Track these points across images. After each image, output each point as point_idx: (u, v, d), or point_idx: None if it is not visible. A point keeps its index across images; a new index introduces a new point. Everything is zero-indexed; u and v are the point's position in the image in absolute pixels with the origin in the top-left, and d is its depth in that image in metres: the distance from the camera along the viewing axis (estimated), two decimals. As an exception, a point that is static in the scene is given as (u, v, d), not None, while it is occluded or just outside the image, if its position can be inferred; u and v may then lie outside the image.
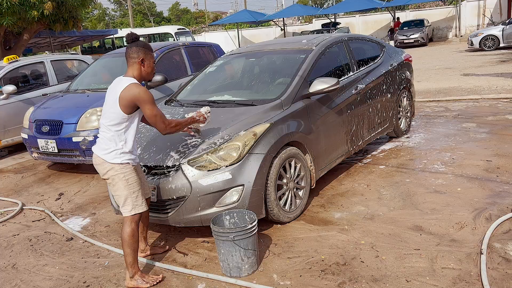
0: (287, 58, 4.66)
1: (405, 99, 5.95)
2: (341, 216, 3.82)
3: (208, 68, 5.19)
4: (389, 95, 5.43)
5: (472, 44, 17.57)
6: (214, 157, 3.40)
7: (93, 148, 3.05)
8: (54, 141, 5.59)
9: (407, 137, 6.00)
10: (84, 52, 25.53)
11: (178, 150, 3.49)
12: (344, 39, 5.09)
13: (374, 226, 3.56)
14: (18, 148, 7.50)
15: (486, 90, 8.73)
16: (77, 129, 5.50)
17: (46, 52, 19.92)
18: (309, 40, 4.81)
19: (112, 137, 2.92)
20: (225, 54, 5.48)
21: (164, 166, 3.46)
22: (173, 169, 3.44)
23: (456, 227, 3.42)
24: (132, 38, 3.03)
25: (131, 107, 2.87)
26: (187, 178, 3.35)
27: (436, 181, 4.36)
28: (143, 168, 3.56)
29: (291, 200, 3.80)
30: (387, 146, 5.73)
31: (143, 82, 3.27)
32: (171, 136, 3.65)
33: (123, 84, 2.89)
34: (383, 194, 4.19)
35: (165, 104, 4.64)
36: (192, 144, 3.51)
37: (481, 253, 2.98)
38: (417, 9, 30.07)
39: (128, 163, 2.97)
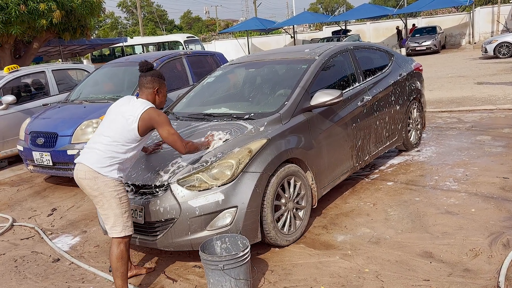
0: (288, 69, 4.41)
1: (415, 110, 5.64)
2: (344, 240, 3.53)
3: (206, 79, 4.96)
4: (398, 107, 5.14)
5: (486, 51, 17.13)
6: (206, 176, 3.16)
7: (82, 160, 2.82)
8: (49, 153, 5.41)
9: (417, 151, 5.68)
10: (94, 60, 25.69)
11: (168, 169, 3.24)
12: (350, 47, 4.82)
13: (380, 252, 3.27)
14: (18, 159, 7.33)
15: (502, 100, 8.36)
16: (72, 142, 5.31)
17: (59, 60, 20.01)
18: (312, 49, 4.56)
19: (112, 153, 2.80)
20: (224, 64, 5.25)
21: (153, 185, 3.22)
22: (161, 188, 3.20)
23: (470, 254, 3.11)
24: (147, 67, 3.00)
25: (147, 130, 2.89)
26: (176, 199, 3.12)
27: (448, 201, 4.05)
28: (131, 187, 3.33)
29: (290, 222, 3.53)
30: (396, 160, 5.43)
31: None
32: (161, 154, 3.45)
33: (139, 106, 2.86)
34: (390, 215, 3.89)
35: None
36: (182, 162, 3.27)
37: (498, 287, 2.68)
38: (429, 16, 29.67)
39: (121, 181, 2.86)
